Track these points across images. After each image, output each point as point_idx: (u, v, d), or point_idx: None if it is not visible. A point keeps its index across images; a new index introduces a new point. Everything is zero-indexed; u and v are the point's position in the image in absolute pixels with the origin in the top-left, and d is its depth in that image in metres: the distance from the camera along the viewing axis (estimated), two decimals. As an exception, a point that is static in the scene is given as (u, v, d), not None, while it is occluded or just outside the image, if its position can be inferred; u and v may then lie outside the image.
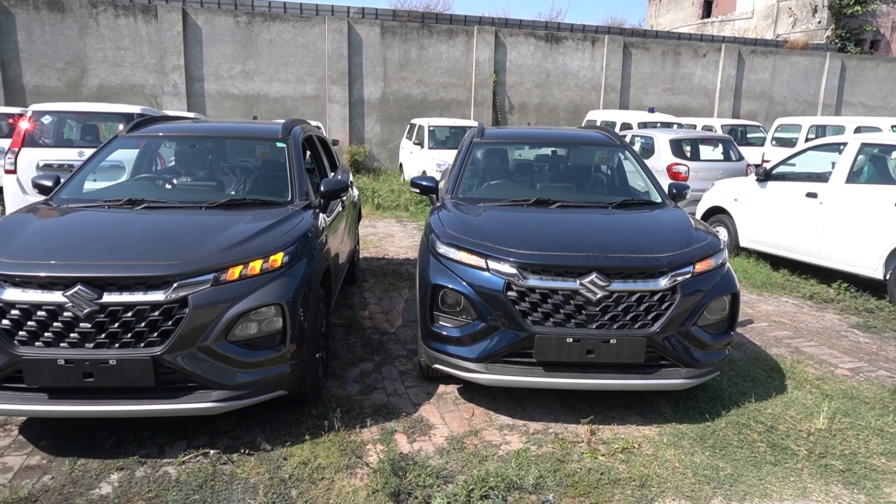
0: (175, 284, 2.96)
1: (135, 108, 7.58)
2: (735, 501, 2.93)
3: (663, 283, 3.43)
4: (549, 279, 3.40)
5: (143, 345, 2.96)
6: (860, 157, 6.50)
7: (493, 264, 3.47)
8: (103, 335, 2.93)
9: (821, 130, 13.21)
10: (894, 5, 28.09)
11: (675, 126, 13.95)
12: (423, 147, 13.40)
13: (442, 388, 4.11)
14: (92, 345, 2.93)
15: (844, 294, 6.46)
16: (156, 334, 2.96)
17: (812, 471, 3.20)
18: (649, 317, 3.44)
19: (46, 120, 7.38)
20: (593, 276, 3.36)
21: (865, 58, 21.66)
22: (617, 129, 14.14)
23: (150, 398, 3.02)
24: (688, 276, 3.49)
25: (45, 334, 2.92)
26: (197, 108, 15.80)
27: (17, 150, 7.09)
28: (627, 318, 3.42)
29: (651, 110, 15.90)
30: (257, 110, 16.40)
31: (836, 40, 26.30)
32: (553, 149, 5.39)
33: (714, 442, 3.45)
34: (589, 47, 18.71)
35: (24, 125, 7.22)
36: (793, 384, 4.24)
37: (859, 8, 26.35)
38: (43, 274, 2.91)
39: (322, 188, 4.31)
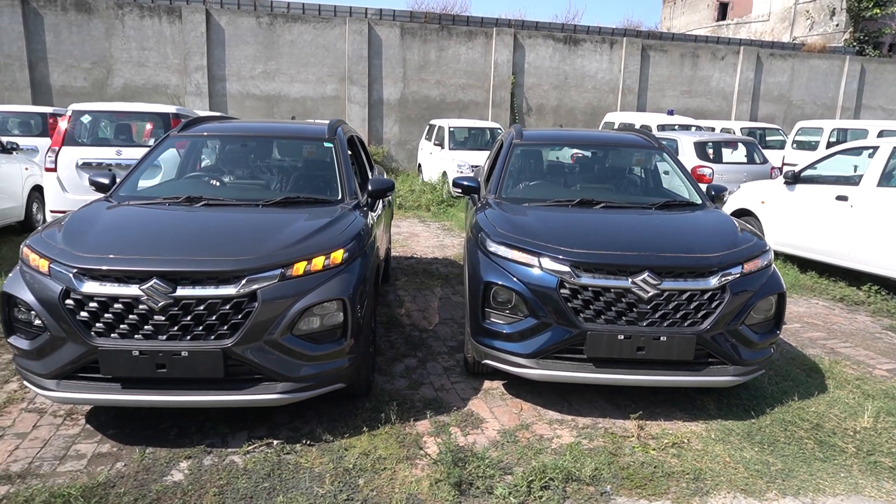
0: (245, 279, 3.07)
1: (170, 108, 7.72)
2: (789, 495, 3.00)
3: (713, 282, 3.50)
4: (602, 277, 3.48)
5: (213, 337, 3.07)
6: (892, 160, 6.53)
7: (545, 262, 3.56)
8: (176, 327, 3.04)
9: (842, 134, 13.19)
10: (913, 8, 27.90)
11: (694, 129, 13.98)
12: (443, 148, 13.49)
13: (487, 383, 4.19)
14: (165, 337, 3.04)
15: (875, 297, 6.49)
16: (226, 327, 3.07)
17: (862, 467, 3.26)
18: (699, 315, 3.51)
19: (85, 119, 7.53)
20: (645, 275, 3.44)
21: (885, 61, 21.56)
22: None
23: (219, 389, 3.13)
24: (737, 275, 3.56)
25: (121, 326, 3.04)
26: (218, 108, 15.98)
27: (57, 148, 7.24)
28: (677, 316, 3.50)
29: (670, 113, 15.92)
30: (278, 111, 16.56)
31: (855, 43, 26.14)
32: (592, 150, 5.46)
33: (762, 438, 3.52)
34: (607, 49, 18.75)
35: (63, 125, 7.37)
36: (833, 384, 4.29)
37: (878, 10, 26.18)
38: (120, 268, 3.02)
39: (370, 187, 4.41)
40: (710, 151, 10.01)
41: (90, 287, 3.02)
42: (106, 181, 4.34)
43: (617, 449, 3.38)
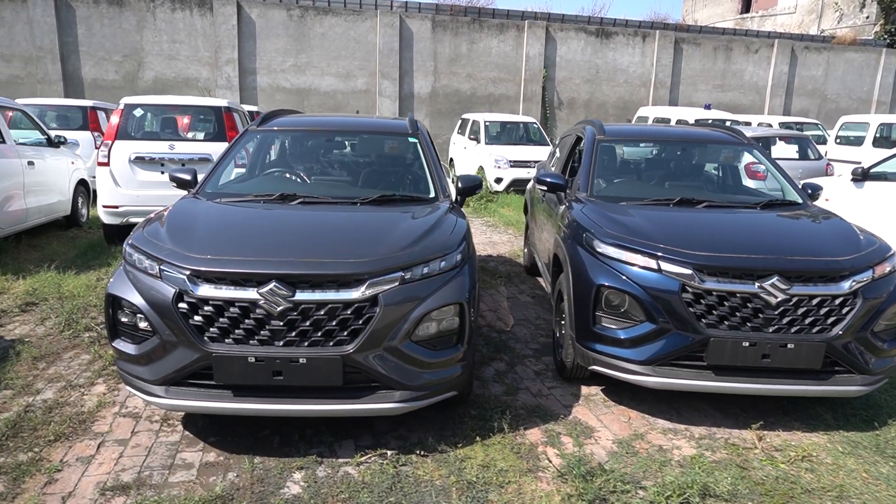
0: (367, 283, 2.92)
1: (222, 102, 7.59)
2: (946, 516, 2.82)
3: (846, 286, 3.31)
4: (727, 282, 3.31)
5: (332, 343, 2.92)
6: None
7: (665, 265, 3.38)
8: (293, 333, 2.90)
9: (887, 129, 12.87)
10: (946, 0, 27.26)
11: (728, 122, 13.67)
12: (478, 142, 13.31)
13: (585, 389, 4.03)
14: (282, 343, 2.90)
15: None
16: (346, 333, 2.92)
17: None
18: (829, 321, 3.33)
19: (138, 113, 7.42)
20: (774, 279, 3.26)
21: (922, 54, 21.08)
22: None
23: (335, 398, 2.98)
24: (867, 280, 3.38)
25: (237, 331, 2.90)
26: (249, 102, 15.87)
27: (110, 142, 7.14)
28: (806, 322, 3.32)
29: (707, 107, 15.63)
30: (308, 104, 16.43)
31: (886, 35, 25.62)
32: (680, 147, 5.27)
33: (894, 453, 3.33)
34: (639, 42, 18.45)
35: (115, 118, 7.26)
36: (948, 392, 4.09)
37: (912, 2, 25.62)
38: (238, 270, 2.88)
39: (460, 185, 4.25)
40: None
41: (205, 290, 2.88)
42: (188, 177, 4.20)
43: (744, 462, 3.21)
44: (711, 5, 39.17)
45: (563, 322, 4.00)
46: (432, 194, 4.06)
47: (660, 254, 3.43)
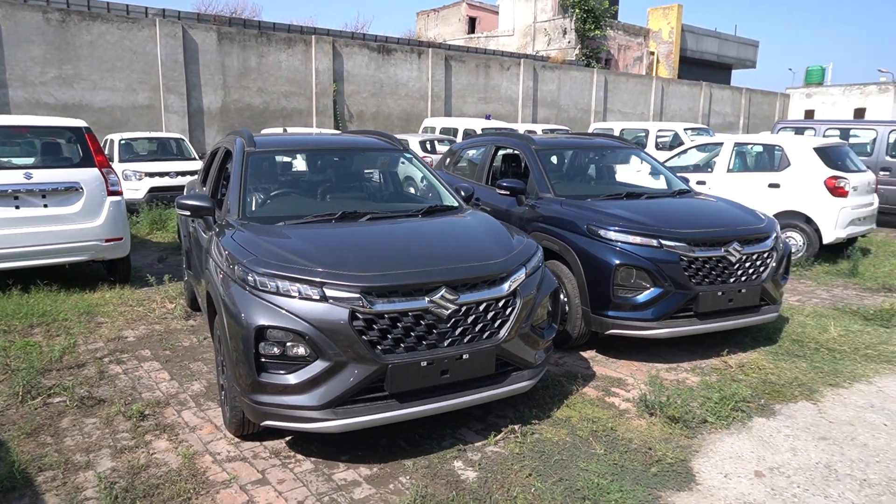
0: (509, 280, 3.36)
1: (80, 122, 6.62)
2: (854, 382, 4.36)
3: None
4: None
5: (486, 336, 3.28)
6: (733, 153, 8.77)
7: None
8: (457, 332, 3.20)
9: (662, 136, 15.77)
10: (619, 31, 34.84)
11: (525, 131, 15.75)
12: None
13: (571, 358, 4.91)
14: (447, 343, 3.17)
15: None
16: (496, 325, 3.32)
17: (856, 358, 4.81)
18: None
19: (-28, 138, 6.08)
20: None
21: (620, 74, 26.80)
22: (459, 136, 15.59)
23: (486, 386, 3.34)
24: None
25: (408, 339, 3.09)
26: (0, 121, 13.22)
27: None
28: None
29: (488, 117, 17.82)
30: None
31: (583, 58, 31.80)
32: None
33: (800, 354, 4.89)
34: (416, 59, 20.03)
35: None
36: (794, 315, 5.95)
37: (598, 32, 32.21)
38: (410, 283, 3.07)
39: (463, 194, 4.76)
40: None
41: (381, 305, 3.02)
42: (207, 204, 3.96)
43: (732, 377, 4.42)
44: (442, 24, 43.40)
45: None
46: (457, 203, 4.51)
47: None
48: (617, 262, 4.45)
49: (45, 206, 6.23)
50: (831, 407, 3.99)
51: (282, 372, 3.03)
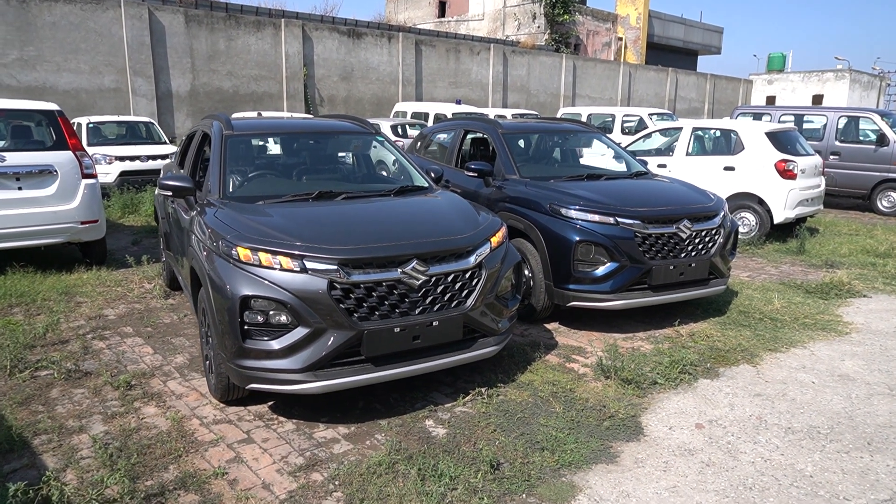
0: (475, 253, 3.64)
1: (52, 105, 6.66)
2: (795, 347, 4.78)
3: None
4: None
5: (454, 305, 3.57)
6: (692, 138, 9.17)
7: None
8: (427, 301, 3.48)
9: (628, 121, 16.27)
10: (587, 17, 35.23)
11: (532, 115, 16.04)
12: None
13: (551, 326, 5.25)
14: (418, 311, 3.45)
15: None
16: (463, 295, 3.61)
17: (797, 327, 5.25)
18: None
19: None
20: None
21: (589, 59, 27.18)
22: (430, 121, 15.79)
23: (454, 351, 3.63)
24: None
25: (382, 307, 3.36)
26: (-39, 103, 12.96)
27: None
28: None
29: (458, 102, 18.02)
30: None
31: (553, 42, 32.12)
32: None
33: (745, 324, 5.30)
34: (386, 43, 20.07)
35: None
36: (742, 289, 6.37)
37: (567, 17, 32.53)
38: (384, 255, 3.33)
39: (432, 175, 5.01)
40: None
41: (357, 276, 3.27)
42: (189, 185, 4.15)
43: (682, 344, 4.80)
44: (412, 8, 43.13)
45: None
46: (427, 184, 4.76)
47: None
48: (577, 238, 4.76)
49: (20, 188, 6.29)
50: (768, 369, 4.39)
51: (265, 338, 3.27)
